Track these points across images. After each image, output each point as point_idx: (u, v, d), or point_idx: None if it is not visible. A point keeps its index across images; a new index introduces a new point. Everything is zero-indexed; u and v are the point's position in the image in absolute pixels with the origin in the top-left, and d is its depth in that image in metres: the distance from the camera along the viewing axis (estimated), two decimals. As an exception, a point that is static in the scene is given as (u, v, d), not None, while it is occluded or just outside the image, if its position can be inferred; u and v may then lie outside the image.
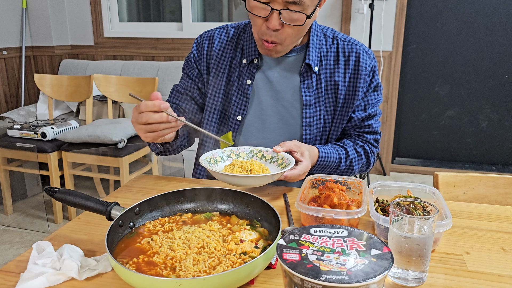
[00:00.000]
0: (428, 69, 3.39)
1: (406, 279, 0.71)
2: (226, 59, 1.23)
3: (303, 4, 1.01)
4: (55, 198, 0.84)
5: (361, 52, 1.21)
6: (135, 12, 3.94)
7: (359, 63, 1.20)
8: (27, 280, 0.69)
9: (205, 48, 1.25)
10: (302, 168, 1.05)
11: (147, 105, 0.91)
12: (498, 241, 0.85)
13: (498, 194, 1.25)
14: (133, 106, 3.19)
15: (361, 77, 1.20)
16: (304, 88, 1.19)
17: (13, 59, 3.64)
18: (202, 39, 1.27)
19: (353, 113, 1.23)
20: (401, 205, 0.74)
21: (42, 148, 2.59)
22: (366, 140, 1.26)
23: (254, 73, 1.21)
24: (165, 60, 3.66)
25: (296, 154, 1.07)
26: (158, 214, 0.89)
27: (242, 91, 1.21)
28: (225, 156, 1.10)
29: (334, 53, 1.21)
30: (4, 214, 2.86)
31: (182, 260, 0.72)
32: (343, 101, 1.21)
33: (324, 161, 1.17)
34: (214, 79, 1.24)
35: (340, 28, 3.30)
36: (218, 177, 0.98)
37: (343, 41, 1.22)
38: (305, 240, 0.59)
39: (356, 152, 1.24)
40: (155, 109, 0.91)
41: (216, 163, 1.08)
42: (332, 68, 1.21)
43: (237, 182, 0.96)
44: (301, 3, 1.01)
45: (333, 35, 1.23)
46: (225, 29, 1.27)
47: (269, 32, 1.06)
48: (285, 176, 1.02)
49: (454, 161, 3.56)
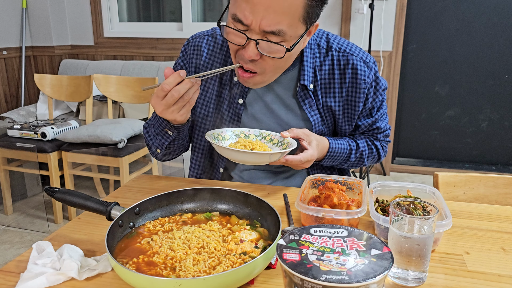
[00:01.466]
0: (428, 69, 3.39)
1: (406, 279, 0.71)
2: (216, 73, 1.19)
3: (283, 35, 0.92)
4: (55, 198, 0.84)
5: (358, 63, 1.11)
6: (135, 12, 3.94)
7: (356, 76, 1.11)
8: (27, 280, 0.69)
9: (193, 60, 1.18)
10: (306, 156, 1.03)
11: (170, 82, 0.90)
12: (498, 241, 0.85)
13: (498, 194, 1.25)
14: (133, 106, 3.19)
15: (360, 91, 1.12)
16: (308, 108, 1.13)
17: (13, 59, 3.64)
18: (190, 47, 1.19)
19: (359, 121, 1.19)
20: (401, 205, 0.74)
21: (42, 148, 2.59)
22: (377, 138, 1.25)
23: (247, 92, 1.14)
24: (165, 60, 3.66)
25: (303, 142, 1.06)
26: (158, 214, 0.89)
27: (234, 111, 1.15)
28: (234, 136, 1.11)
29: (329, 65, 1.12)
30: (4, 214, 2.86)
31: (182, 260, 0.72)
32: (342, 115, 1.17)
33: (334, 152, 1.16)
34: (203, 96, 1.18)
35: (340, 28, 3.30)
36: (218, 150, 1.00)
37: (338, 51, 1.12)
38: (305, 240, 0.59)
39: (367, 145, 1.22)
40: (178, 80, 0.90)
41: (224, 140, 1.09)
42: (327, 83, 1.13)
43: (235, 157, 0.97)
44: (281, 33, 0.91)
45: (327, 44, 1.13)
46: (214, 38, 1.17)
47: (246, 60, 0.97)
48: (286, 159, 1.01)
49: (454, 161, 3.56)
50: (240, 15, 0.91)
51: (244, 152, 0.96)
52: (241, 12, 0.90)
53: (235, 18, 0.92)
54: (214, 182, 1.20)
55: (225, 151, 0.98)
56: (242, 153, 0.96)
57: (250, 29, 0.92)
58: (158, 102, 0.93)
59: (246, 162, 1.01)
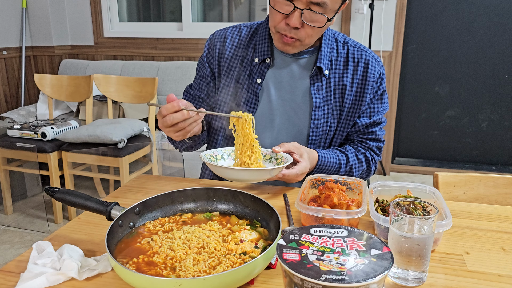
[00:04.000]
0: (428, 69, 3.39)
1: (406, 279, 0.71)
2: (238, 58, 1.23)
3: (325, 7, 1.02)
4: (55, 198, 0.84)
5: (370, 59, 1.21)
6: (135, 12, 3.94)
7: (367, 70, 1.20)
8: (27, 280, 0.69)
9: (217, 47, 1.25)
10: (301, 168, 1.06)
11: (167, 108, 0.95)
12: (498, 241, 0.85)
13: (498, 194, 1.25)
14: (133, 106, 3.20)
15: (369, 83, 1.20)
16: (314, 90, 1.19)
17: (13, 59, 3.64)
18: (215, 37, 1.27)
19: (358, 119, 1.23)
20: (401, 205, 0.74)
21: (42, 148, 2.59)
22: (368, 147, 1.26)
23: (265, 73, 1.20)
24: (165, 60, 3.66)
25: (295, 155, 1.07)
26: (158, 214, 0.89)
27: (252, 90, 1.21)
28: (226, 155, 1.10)
29: (344, 57, 1.21)
30: (4, 214, 2.86)
31: (182, 260, 0.72)
32: (349, 106, 1.21)
33: (324, 165, 1.18)
34: (225, 77, 1.25)
35: (340, 28, 3.30)
36: (216, 170, 0.99)
37: (353, 47, 1.23)
38: (305, 240, 0.59)
39: (357, 159, 1.24)
40: (175, 109, 0.95)
41: (216, 161, 1.08)
42: (341, 72, 1.21)
43: (234, 176, 0.97)
44: (324, 5, 1.01)
45: (344, 40, 1.24)
46: (238, 28, 1.27)
47: (288, 29, 1.06)
48: (283, 174, 1.02)
49: (454, 161, 3.56)
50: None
51: (243, 170, 0.96)
52: None
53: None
54: (214, 182, 1.20)
55: (222, 170, 0.97)
56: (242, 171, 0.96)
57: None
58: (159, 118, 0.99)
59: (245, 180, 1.01)
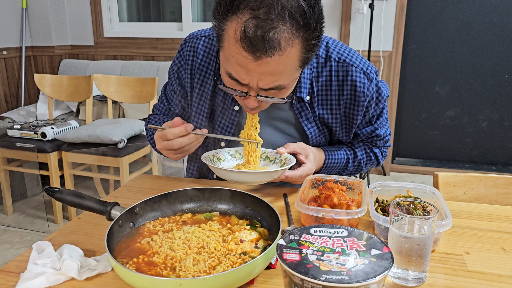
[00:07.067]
0: (428, 69, 3.39)
1: (406, 279, 0.71)
2: (211, 77, 1.13)
3: (282, 87, 0.90)
4: (55, 198, 0.84)
5: (357, 75, 1.06)
6: (135, 12, 3.94)
7: (356, 89, 1.07)
8: (27, 280, 0.69)
9: (189, 62, 1.15)
10: (305, 170, 1.03)
11: (175, 133, 0.95)
12: (498, 241, 0.85)
13: (498, 194, 1.25)
14: (133, 106, 3.20)
15: (359, 104, 1.09)
16: (305, 121, 1.11)
17: (13, 59, 3.64)
18: (186, 47, 1.15)
19: (358, 130, 1.17)
20: (401, 205, 0.74)
21: (42, 148, 2.59)
22: (376, 145, 1.24)
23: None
24: (165, 60, 3.66)
25: (300, 156, 1.05)
26: (158, 214, 0.89)
27: (228, 117, 1.13)
28: (229, 156, 1.10)
29: (326, 76, 1.08)
30: (4, 214, 2.86)
31: (182, 260, 0.72)
32: (340, 127, 1.14)
33: (331, 163, 1.15)
34: (198, 99, 1.16)
35: (340, 28, 3.30)
36: (218, 173, 0.99)
37: (337, 61, 1.07)
38: (305, 240, 0.59)
39: (365, 153, 1.21)
40: (183, 134, 0.95)
41: (220, 162, 1.08)
42: (324, 95, 1.09)
43: (236, 178, 0.96)
44: (280, 87, 0.89)
45: (326, 53, 1.08)
46: (210, 40, 1.13)
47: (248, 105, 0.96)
48: (286, 176, 1.01)
49: (454, 161, 3.56)
50: (235, 75, 0.88)
51: (246, 172, 0.96)
52: (236, 74, 0.87)
53: (231, 76, 0.89)
54: (214, 182, 1.19)
55: (225, 173, 0.96)
56: (244, 173, 0.96)
57: (248, 86, 0.89)
58: (160, 141, 0.98)
59: (248, 182, 1.01)
